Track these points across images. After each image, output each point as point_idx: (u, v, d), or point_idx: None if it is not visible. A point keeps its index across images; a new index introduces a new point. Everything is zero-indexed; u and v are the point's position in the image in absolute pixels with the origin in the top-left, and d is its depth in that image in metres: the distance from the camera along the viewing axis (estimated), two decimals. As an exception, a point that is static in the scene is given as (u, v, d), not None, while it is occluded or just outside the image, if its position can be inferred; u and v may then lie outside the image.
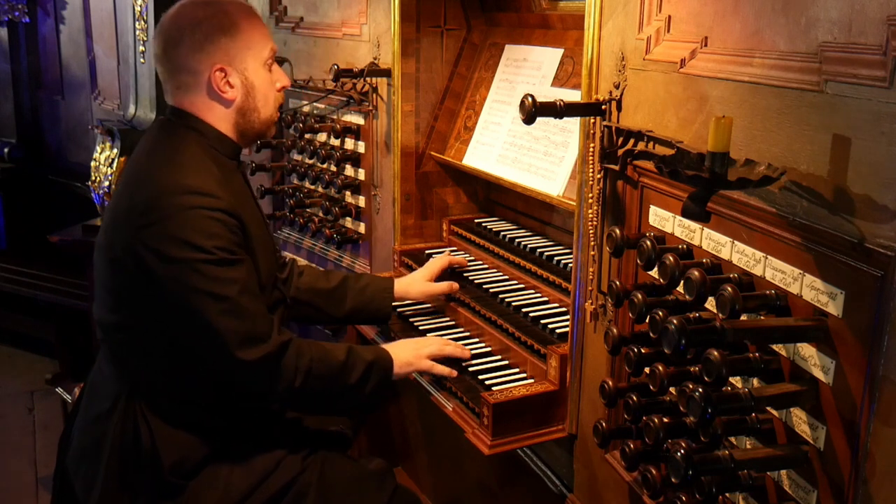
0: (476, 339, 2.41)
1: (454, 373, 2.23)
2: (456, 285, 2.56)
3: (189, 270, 1.89)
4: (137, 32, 4.37)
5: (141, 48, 4.35)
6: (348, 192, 3.18)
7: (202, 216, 1.91)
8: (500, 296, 2.46)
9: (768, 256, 1.42)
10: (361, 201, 3.16)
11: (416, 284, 2.58)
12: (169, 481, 2.00)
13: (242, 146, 2.19)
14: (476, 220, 2.97)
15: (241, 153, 2.23)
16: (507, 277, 2.60)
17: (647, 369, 1.59)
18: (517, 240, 2.68)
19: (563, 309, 2.31)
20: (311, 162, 3.33)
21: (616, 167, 1.78)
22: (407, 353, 2.22)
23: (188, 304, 1.91)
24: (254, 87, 2.10)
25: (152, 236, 1.90)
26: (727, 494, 1.52)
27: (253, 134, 2.18)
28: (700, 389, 1.34)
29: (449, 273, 2.66)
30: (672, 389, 1.56)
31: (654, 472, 1.60)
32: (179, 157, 2.01)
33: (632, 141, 1.71)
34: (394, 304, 2.56)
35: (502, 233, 2.77)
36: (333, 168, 3.18)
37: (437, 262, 2.64)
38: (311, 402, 2.14)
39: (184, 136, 2.07)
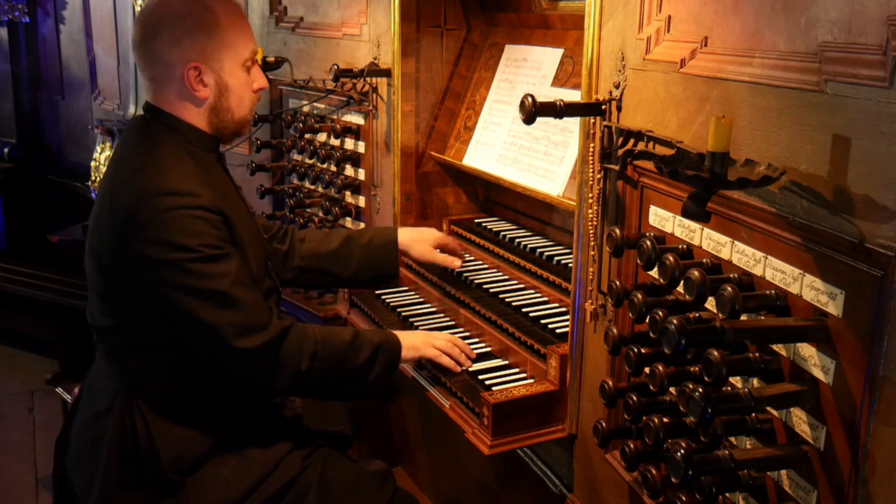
0: (476, 339, 2.41)
1: (457, 368, 2.22)
2: (459, 262, 2.54)
3: (178, 271, 1.89)
4: (137, 32, 4.36)
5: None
6: (348, 192, 3.18)
7: (184, 216, 1.90)
8: (501, 296, 2.46)
9: (768, 256, 1.41)
10: (361, 201, 3.15)
11: (419, 245, 2.52)
12: (168, 478, 2.00)
13: (221, 141, 2.17)
14: (476, 221, 2.97)
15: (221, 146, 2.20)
16: (507, 277, 2.60)
17: (647, 369, 1.59)
18: (517, 240, 2.68)
19: (563, 309, 2.31)
20: (311, 162, 3.32)
21: (616, 167, 1.78)
22: (415, 339, 2.22)
23: (181, 305, 1.90)
24: (228, 87, 2.07)
25: (137, 242, 1.89)
26: (727, 494, 1.52)
27: (228, 133, 2.15)
28: (700, 389, 1.34)
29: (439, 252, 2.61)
30: (672, 389, 1.56)
31: (654, 472, 1.60)
32: (156, 158, 2.00)
33: (632, 141, 1.71)
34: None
35: (502, 233, 2.77)
36: (333, 168, 3.18)
37: (446, 240, 2.61)
38: (317, 387, 2.12)
39: (159, 135, 2.05)
